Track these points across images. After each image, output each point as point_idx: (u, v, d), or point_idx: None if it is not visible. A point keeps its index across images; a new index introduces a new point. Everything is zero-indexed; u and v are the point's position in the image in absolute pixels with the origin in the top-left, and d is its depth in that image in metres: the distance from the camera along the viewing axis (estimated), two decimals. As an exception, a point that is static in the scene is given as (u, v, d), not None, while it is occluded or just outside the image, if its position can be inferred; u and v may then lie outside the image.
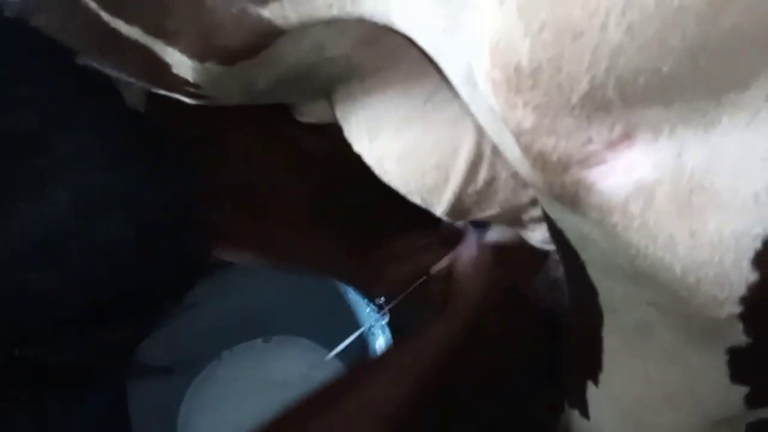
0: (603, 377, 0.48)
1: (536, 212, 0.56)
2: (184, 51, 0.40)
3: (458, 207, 0.54)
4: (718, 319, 0.35)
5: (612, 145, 0.32)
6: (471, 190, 0.52)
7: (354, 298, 0.93)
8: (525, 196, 0.55)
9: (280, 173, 0.72)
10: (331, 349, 0.99)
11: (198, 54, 0.40)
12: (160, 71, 0.42)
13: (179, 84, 0.43)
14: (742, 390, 0.40)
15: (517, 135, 0.33)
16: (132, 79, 0.49)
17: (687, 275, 0.33)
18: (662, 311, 0.39)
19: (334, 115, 0.55)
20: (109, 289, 0.43)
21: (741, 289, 0.32)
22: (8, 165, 0.39)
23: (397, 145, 0.51)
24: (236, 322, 1.00)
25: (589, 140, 0.32)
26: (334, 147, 0.62)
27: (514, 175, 0.53)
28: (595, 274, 0.42)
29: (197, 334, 0.95)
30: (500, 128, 0.36)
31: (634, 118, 0.31)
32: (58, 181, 0.40)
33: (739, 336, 0.36)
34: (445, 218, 0.56)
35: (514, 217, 0.58)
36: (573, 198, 0.34)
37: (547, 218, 0.43)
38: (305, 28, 0.39)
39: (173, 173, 0.46)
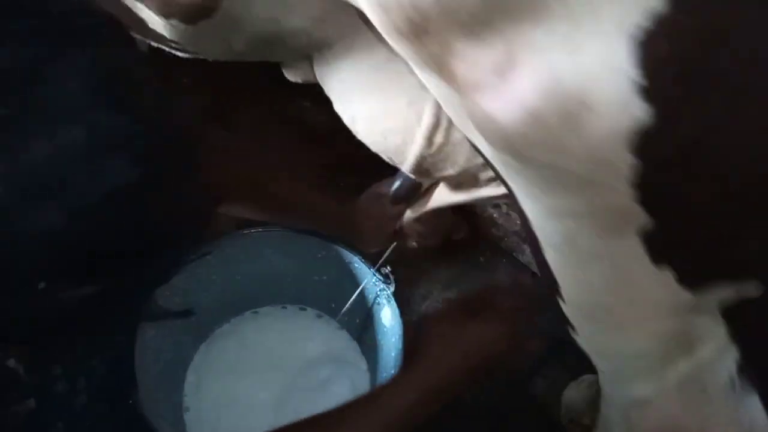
0: (563, 292, 0.52)
1: (492, 172, 0.61)
2: (149, 7, 0.46)
3: (421, 167, 0.59)
4: (620, 205, 0.41)
5: (501, 70, 0.38)
6: (427, 152, 0.57)
7: (360, 267, 0.94)
8: (480, 158, 0.59)
9: (285, 147, 0.77)
10: (337, 320, 1.04)
11: (161, 10, 0.46)
12: (142, 25, 0.48)
13: (160, 38, 0.50)
14: (669, 273, 0.45)
15: (430, 62, 0.38)
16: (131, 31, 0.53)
17: (585, 173, 0.40)
18: (576, 216, 0.44)
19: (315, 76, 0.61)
20: (117, 229, 0.44)
21: (630, 175, 0.38)
22: (14, 97, 0.39)
23: (364, 108, 0.57)
24: (245, 290, 1.02)
25: (483, 64, 0.38)
26: (336, 125, 0.67)
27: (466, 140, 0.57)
28: (522, 200, 0.48)
29: (210, 299, 0.97)
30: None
31: (514, 36, 0.37)
32: (67, 117, 0.40)
33: (643, 217, 0.41)
34: (412, 176, 0.61)
35: (472, 177, 0.63)
36: (482, 124, 0.40)
37: (479, 153, 0.48)
38: None
39: (179, 115, 0.47)
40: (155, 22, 0.48)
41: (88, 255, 0.44)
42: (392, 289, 0.91)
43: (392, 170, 0.77)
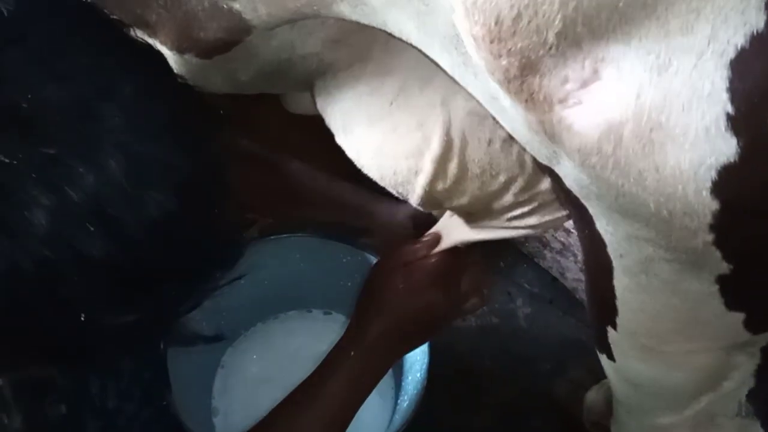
0: (619, 320, 0.51)
1: (507, 199, 0.59)
2: (164, 42, 0.45)
3: (430, 199, 0.57)
4: (697, 248, 0.38)
5: (584, 83, 0.36)
6: (441, 186, 0.56)
7: None
8: (496, 185, 0.58)
9: (308, 149, 0.77)
10: None
11: (176, 46, 0.45)
12: None
13: None
14: (739, 316, 0.43)
15: (506, 83, 0.38)
16: None
17: (660, 209, 0.37)
18: (656, 245, 0.42)
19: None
20: (155, 259, 0.45)
21: (707, 218, 0.36)
22: (61, 133, 0.40)
23: (369, 140, 0.55)
24: (271, 294, 1.03)
25: (566, 78, 0.36)
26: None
27: (483, 168, 0.56)
28: (600, 224, 0.46)
29: (237, 304, 0.98)
30: (489, 91, 0.41)
31: (600, 53, 0.35)
32: (110, 149, 0.41)
33: (720, 263, 0.39)
34: (419, 208, 0.60)
35: (485, 207, 0.61)
36: (559, 138, 0.38)
37: (557, 181, 0.47)
38: (273, 28, 0.42)
39: (211, 142, 0.47)
40: (165, 56, 0.46)
41: (128, 285, 0.45)
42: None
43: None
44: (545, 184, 0.58)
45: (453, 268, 0.70)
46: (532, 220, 0.63)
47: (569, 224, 0.73)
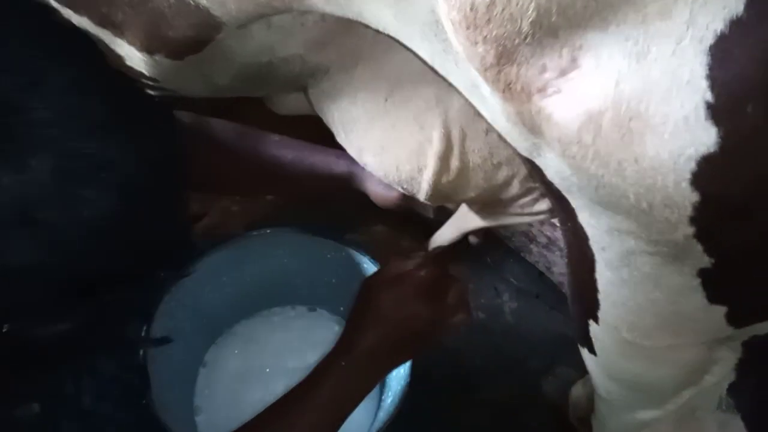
0: (601, 314, 0.50)
1: (513, 190, 0.59)
2: (132, 43, 0.43)
3: (436, 193, 0.57)
4: (678, 241, 0.37)
5: (563, 72, 0.35)
6: (445, 179, 0.55)
7: (369, 268, 0.93)
8: (500, 176, 0.57)
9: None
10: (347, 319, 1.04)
11: (145, 46, 0.43)
12: (120, 63, 0.44)
13: (136, 75, 0.46)
14: (721, 309, 0.42)
15: (483, 71, 0.37)
16: None
17: (640, 201, 0.36)
18: (637, 238, 0.41)
19: (307, 107, 0.58)
20: (94, 260, 0.42)
21: (688, 210, 0.35)
22: None
23: (370, 139, 0.54)
24: (255, 291, 1.01)
25: (544, 68, 0.35)
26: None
27: (483, 157, 0.56)
28: (582, 217, 0.45)
29: (219, 301, 0.96)
30: (469, 79, 0.40)
31: (578, 41, 0.34)
32: (37, 147, 0.38)
33: (702, 257, 0.38)
34: (428, 203, 0.59)
35: (494, 198, 0.61)
36: (539, 128, 0.37)
37: (538, 173, 0.46)
38: (247, 27, 0.40)
39: (155, 138, 0.45)
40: (135, 58, 0.44)
41: (62, 291, 0.42)
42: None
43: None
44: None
45: (440, 281, 0.69)
46: (543, 206, 0.64)
47: (555, 219, 0.73)
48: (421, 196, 0.57)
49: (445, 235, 0.90)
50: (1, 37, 0.40)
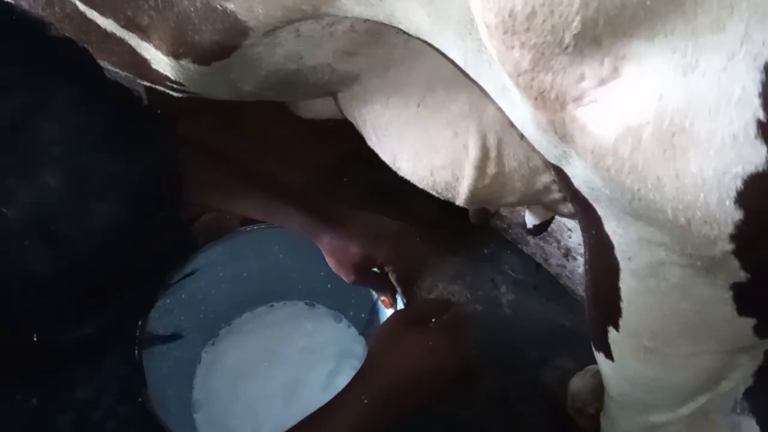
0: (622, 321, 0.49)
1: (554, 195, 0.58)
2: (158, 47, 0.42)
3: (475, 200, 0.56)
4: (714, 256, 0.36)
5: (602, 81, 0.33)
6: (482, 185, 0.55)
7: None
8: (539, 183, 0.56)
9: (290, 143, 0.75)
10: (344, 315, 1.04)
11: (171, 51, 0.42)
12: (142, 65, 0.44)
13: (161, 79, 0.45)
14: (749, 321, 0.42)
15: (516, 76, 0.35)
16: (119, 70, 0.50)
17: (678, 216, 0.35)
18: (669, 250, 0.40)
19: (332, 111, 0.57)
20: (107, 266, 0.43)
21: (729, 227, 0.34)
22: None
23: (404, 144, 0.53)
24: (251, 287, 1.01)
25: (582, 76, 0.33)
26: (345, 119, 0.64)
27: (520, 161, 0.55)
28: (609, 226, 0.44)
29: (215, 297, 0.97)
30: (501, 82, 0.38)
31: (621, 50, 0.32)
32: (48, 163, 0.40)
33: (738, 272, 0.37)
34: (467, 207, 0.59)
35: (536, 202, 0.60)
36: (571, 138, 0.36)
37: (564, 180, 0.45)
38: (275, 34, 0.39)
39: (157, 150, 0.46)
40: (161, 62, 0.43)
41: (83, 297, 0.44)
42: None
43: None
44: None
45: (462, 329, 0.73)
46: None
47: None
48: (459, 202, 0.56)
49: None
50: (5, 57, 0.41)
